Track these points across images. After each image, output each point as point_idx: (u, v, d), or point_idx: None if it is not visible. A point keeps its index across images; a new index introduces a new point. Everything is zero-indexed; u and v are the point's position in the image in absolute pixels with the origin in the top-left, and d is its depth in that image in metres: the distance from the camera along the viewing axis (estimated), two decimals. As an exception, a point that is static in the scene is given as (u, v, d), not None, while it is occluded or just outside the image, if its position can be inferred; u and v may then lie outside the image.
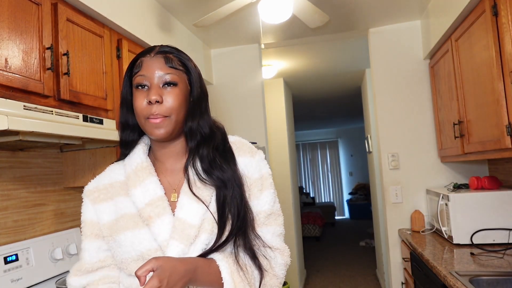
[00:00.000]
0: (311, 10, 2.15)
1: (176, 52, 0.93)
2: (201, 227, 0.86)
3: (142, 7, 2.12)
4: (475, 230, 2.06)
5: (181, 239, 0.85)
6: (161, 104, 0.87)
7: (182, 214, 0.87)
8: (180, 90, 0.89)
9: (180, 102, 0.89)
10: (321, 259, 5.78)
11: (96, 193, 0.95)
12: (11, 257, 1.51)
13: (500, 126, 1.70)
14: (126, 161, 0.96)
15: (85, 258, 0.94)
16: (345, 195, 10.20)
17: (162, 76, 0.88)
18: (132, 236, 0.87)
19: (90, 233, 0.94)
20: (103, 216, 0.93)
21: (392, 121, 2.89)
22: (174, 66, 0.90)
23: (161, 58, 0.90)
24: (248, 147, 0.98)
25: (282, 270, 0.92)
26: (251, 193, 0.93)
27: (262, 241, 0.91)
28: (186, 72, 0.93)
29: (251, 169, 0.95)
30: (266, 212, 0.93)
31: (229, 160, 0.94)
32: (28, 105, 1.25)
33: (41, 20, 1.37)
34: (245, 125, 3.14)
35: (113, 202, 0.93)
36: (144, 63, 0.90)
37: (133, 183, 0.91)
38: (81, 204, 0.98)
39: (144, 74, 0.89)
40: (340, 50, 3.63)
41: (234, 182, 0.90)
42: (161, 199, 0.89)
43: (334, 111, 7.35)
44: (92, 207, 0.95)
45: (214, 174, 0.90)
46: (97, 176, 0.99)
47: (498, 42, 1.70)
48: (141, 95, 0.88)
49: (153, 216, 0.87)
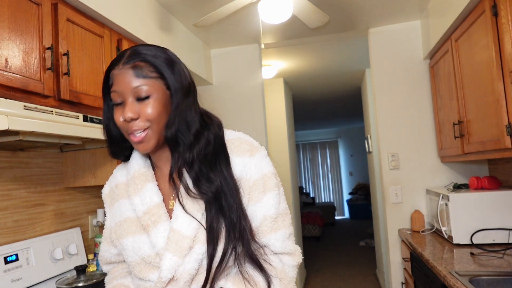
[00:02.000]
0: (311, 10, 2.15)
1: (146, 56, 0.85)
2: (196, 238, 0.84)
3: (142, 7, 2.12)
4: (475, 230, 2.06)
5: (174, 251, 0.83)
6: (137, 119, 0.83)
7: (176, 225, 0.85)
8: (155, 100, 0.84)
9: (159, 111, 0.84)
10: (321, 259, 5.78)
11: (109, 198, 1.00)
12: (11, 257, 1.51)
13: (500, 126, 1.70)
14: (128, 166, 0.97)
15: (101, 254, 1.04)
16: (345, 195, 10.20)
17: (134, 90, 0.83)
18: (133, 242, 0.89)
19: (105, 237, 1.03)
20: (114, 219, 0.97)
21: (392, 121, 2.89)
22: (145, 76, 0.83)
23: (129, 69, 0.83)
24: (247, 145, 0.91)
25: (294, 271, 0.91)
26: (251, 197, 0.88)
27: (270, 250, 0.88)
28: (161, 77, 0.85)
29: (249, 171, 0.88)
30: (272, 217, 0.88)
31: (221, 164, 0.87)
32: (28, 105, 1.25)
33: (41, 20, 1.37)
34: (245, 125, 3.14)
35: (118, 204, 0.95)
36: (115, 77, 0.84)
37: (132, 190, 0.92)
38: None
39: (116, 90, 0.84)
40: (340, 50, 3.62)
41: (226, 190, 0.85)
42: (157, 207, 0.88)
43: (334, 111, 7.35)
44: (109, 211, 1.00)
45: (202, 188, 0.85)
46: (109, 179, 1.03)
47: (498, 42, 1.70)
48: (118, 111, 0.86)
49: (150, 225, 0.87)
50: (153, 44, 0.93)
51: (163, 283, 0.84)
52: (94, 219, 2.03)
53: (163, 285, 0.84)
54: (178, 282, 0.84)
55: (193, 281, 0.85)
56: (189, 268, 0.84)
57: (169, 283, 0.85)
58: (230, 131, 0.94)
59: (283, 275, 0.87)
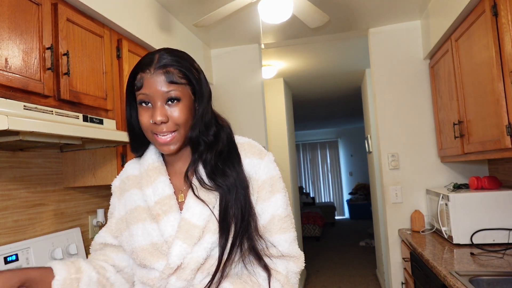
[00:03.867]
0: (311, 10, 2.15)
1: (176, 62, 0.89)
2: (206, 228, 0.87)
3: (142, 7, 2.12)
4: (475, 230, 2.06)
5: (184, 238, 0.86)
6: (167, 122, 0.88)
7: (187, 215, 0.89)
8: (184, 104, 0.89)
9: (186, 115, 0.89)
10: (321, 259, 5.78)
11: (119, 190, 1.03)
12: (11, 257, 1.51)
13: (500, 126, 1.70)
14: (141, 161, 1.01)
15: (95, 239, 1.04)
16: (345, 195, 10.20)
17: (165, 94, 0.87)
18: (143, 228, 0.91)
19: (108, 226, 1.03)
20: (124, 207, 0.99)
21: (392, 121, 2.89)
22: (176, 81, 0.88)
23: (161, 74, 0.87)
24: (257, 149, 0.97)
25: (296, 278, 0.93)
26: (259, 196, 0.93)
27: (278, 250, 0.91)
28: (189, 83, 0.91)
29: (259, 171, 0.94)
30: (281, 216, 0.92)
31: (234, 161, 0.93)
32: (28, 105, 1.25)
33: (41, 20, 1.37)
34: (245, 125, 3.14)
35: (129, 194, 0.99)
36: (145, 81, 0.88)
37: (145, 182, 0.95)
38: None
39: (146, 93, 0.88)
40: (340, 50, 3.62)
41: (238, 185, 0.90)
42: (169, 198, 0.92)
43: (334, 111, 7.35)
44: (118, 202, 1.02)
45: (216, 181, 0.90)
46: (120, 173, 1.07)
47: (498, 42, 1.70)
48: (145, 112, 0.90)
49: (161, 214, 0.91)
50: (176, 49, 0.96)
51: (170, 269, 0.86)
52: (94, 219, 2.03)
53: (170, 271, 0.86)
54: (184, 270, 0.86)
55: (198, 271, 0.87)
56: (197, 256, 0.86)
57: (175, 272, 0.86)
58: (239, 136, 1.01)
59: (285, 281, 0.89)
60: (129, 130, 0.99)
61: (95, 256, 1.02)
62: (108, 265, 0.99)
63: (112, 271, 0.99)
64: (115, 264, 1.00)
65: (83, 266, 0.93)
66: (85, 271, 0.92)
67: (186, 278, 0.86)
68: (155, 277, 0.88)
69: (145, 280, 0.90)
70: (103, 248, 1.03)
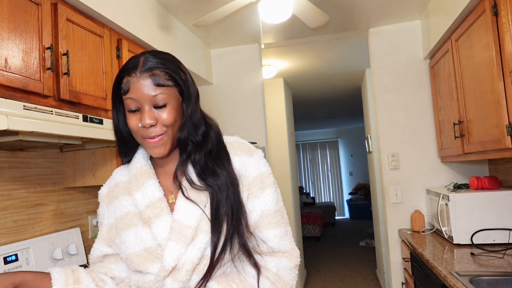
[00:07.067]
0: (311, 10, 2.14)
1: (162, 64, 0.89)
2: (198, 228, 0.87)
3: (142, 7, 2.12)
4: (475, 230, 2.06)
5: (178, 240, 0.86)
6: (155, 125, 0.88)
7: (179, 216, 0.88)
8: (171, 107, 0.89)
9: (174, 117, 0.89)
10: (321, 259, 5.78)
11: (108, 197, 1.01)
12: (11, 257, 1.51)
13: (500, 126, 1.70)
14: (129, 166, 1.00)
15: (92, 253, 1.02)
16: (345, 195, 10.20)
17: (152, 98, 0.86)
18: (135, 233, 0.91)
19: (100, 236, 1.01)
20: (113, 215, 0.98)
21: (392, 121, 2.89)
22: (162, 84, 0.87)
23: (147, 77, 0.86)
24: (246, 146, 0.97)
25: (291, 274, 0.91)
26: (251, 193, 0.92)
27: (268, 246, 0.90)
28: (176, 85, 0.90)
29: (249, 168, 0.94)
30: (271, 211, 0.92)
31: (223, 160, 0.93)
32: (28, 105, 1.25)
33: (41, 20, 1.37)
34: (245, 125, 3.14)
35: (118, 201, 0.98)
36: (131, 84, 0.87)
37: (134, 187, 0.95)
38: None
39: (133, 97, 0.87)
40: (340, 50, 3.62)
41: (229, 183, 0.90)
42: (159, 200, 0.92)
43: (334, 111, 7.35)
44: (107, 210, 1.00)
45: (207, 181, 0.90)
46: (107, 181, 1.05)
47: (498, 42, 1.70)
48: (134, 116, 0.89)
49: (152, 217, 0.90)
50: (161, 51, 0.95)
51: (165, 272, 0.85)
52: (94, 219, 2.03)
53: (165, 273, 0.85)
54: (180, 271, 0.85)
55: (194, 272, 0.86)
56: (191, 257, 0.86)
57: (171, 273, 0.86)
58: (227, 136, 1.01)
59: (276, 279, 0.88)
60: (117, 135, 0.98)
61: (95, 268, 1.00)
62: (107, 278, 0.98)
63: (111, 285, 0.97)
64: (115, 276, 0.98)
65: (82, 276, 0.93)
66: (84, 282, 0.92)
67: (182, 279, 0.85)
68: (150, 280, 0.88)
69: (141, 284, 0.90)
70: (102, 260, 1.01)
